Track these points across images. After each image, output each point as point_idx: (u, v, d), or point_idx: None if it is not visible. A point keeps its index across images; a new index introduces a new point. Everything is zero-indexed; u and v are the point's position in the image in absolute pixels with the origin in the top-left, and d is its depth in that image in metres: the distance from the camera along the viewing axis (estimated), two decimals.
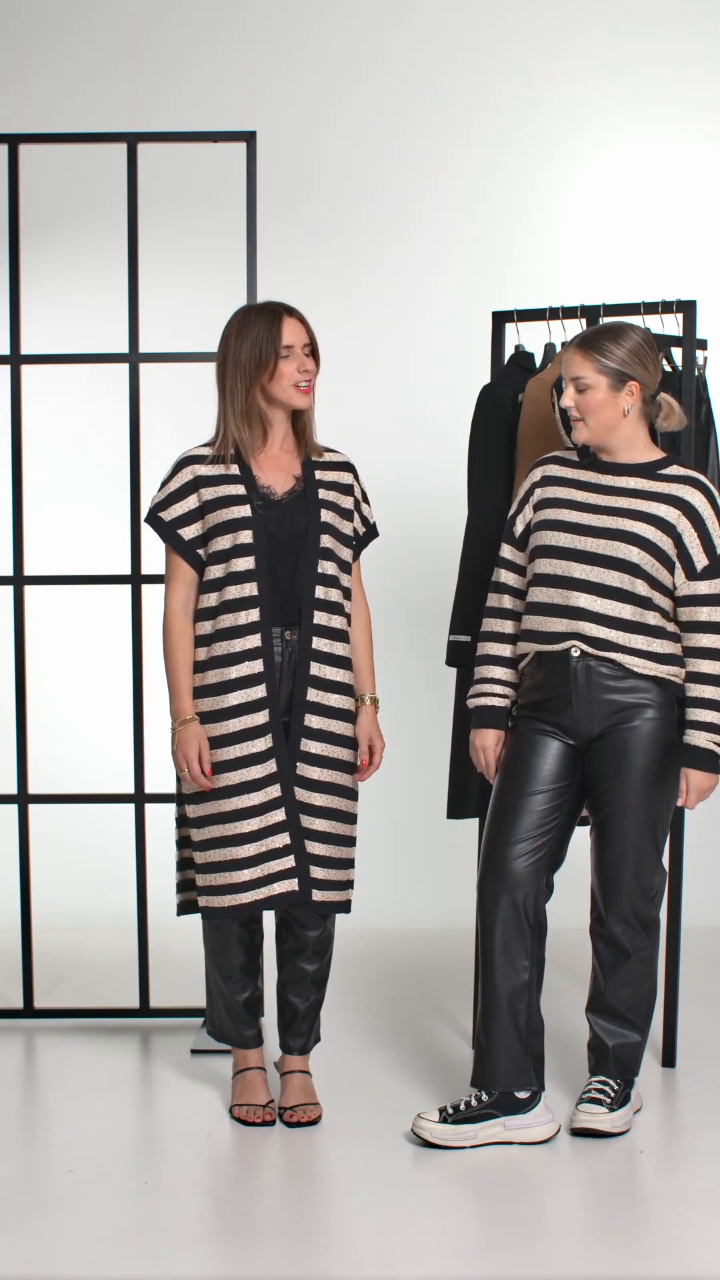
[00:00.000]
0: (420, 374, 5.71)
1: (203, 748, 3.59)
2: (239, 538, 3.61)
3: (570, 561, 3.61)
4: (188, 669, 3.64)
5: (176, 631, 3.65)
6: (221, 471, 3.65)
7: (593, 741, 3.64)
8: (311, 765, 3.65)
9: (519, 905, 3.63)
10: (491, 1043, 3.64)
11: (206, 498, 3.64)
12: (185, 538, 3.65)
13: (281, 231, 5.50)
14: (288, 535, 3.64)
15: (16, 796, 4.47)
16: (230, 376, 3.63)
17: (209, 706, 3.62)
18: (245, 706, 3.60)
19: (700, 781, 3.60)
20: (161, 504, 3.67)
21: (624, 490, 3.63)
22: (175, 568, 3.68)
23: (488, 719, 3.77)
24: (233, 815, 3.60)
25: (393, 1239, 3.20)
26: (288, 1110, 3.77)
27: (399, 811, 5.65)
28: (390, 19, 5.72)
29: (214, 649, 3.62)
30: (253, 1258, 3.13)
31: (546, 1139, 3.64)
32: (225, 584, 3.61)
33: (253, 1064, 3.82)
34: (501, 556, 3.80)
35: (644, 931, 3.69)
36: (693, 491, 3.61)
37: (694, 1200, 3.40)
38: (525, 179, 5.73)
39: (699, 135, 5.73)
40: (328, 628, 3.67)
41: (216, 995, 3.80)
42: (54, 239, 5.56)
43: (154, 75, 5.69)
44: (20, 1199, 3.39)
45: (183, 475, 3.66)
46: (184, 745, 3.60)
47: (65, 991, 4.77)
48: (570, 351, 3.62)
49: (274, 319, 3.62)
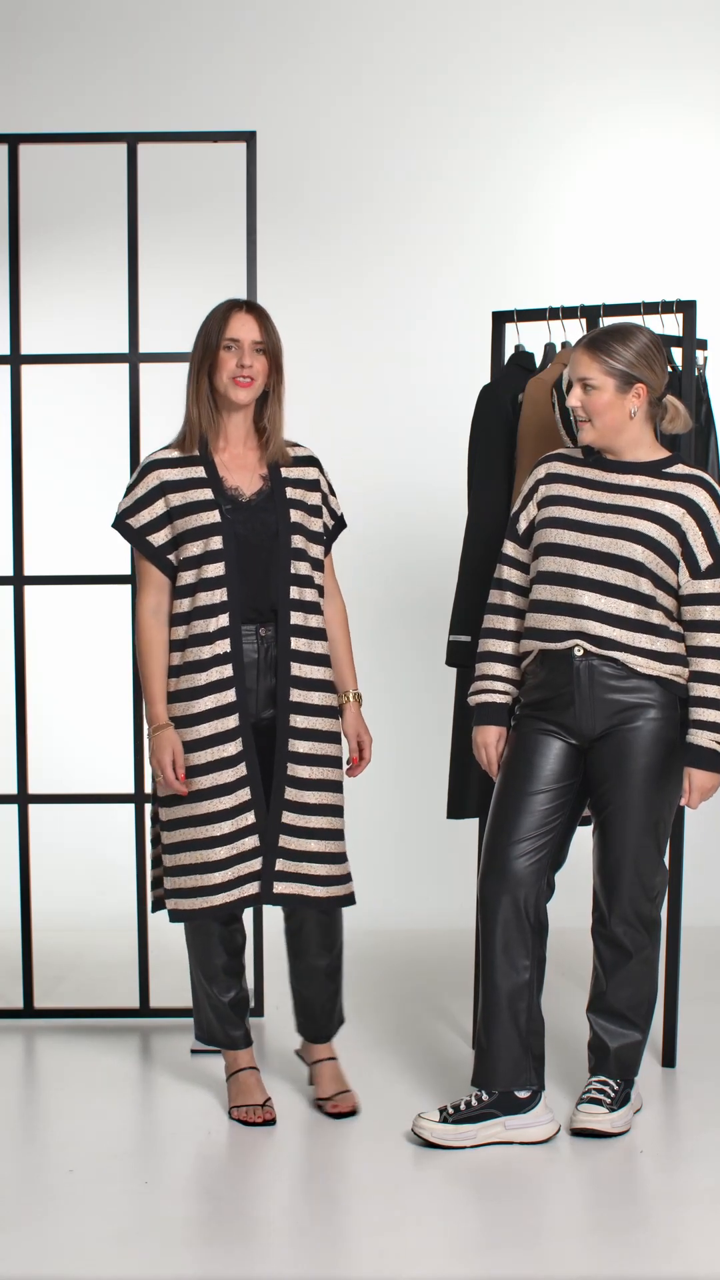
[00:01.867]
0: (420, 374, 5.71)
1: (176, 753, 3.61)
2: (210, 544, 3.62)
3: (575, 559, 3.61)
4: (162, 675, 3.66)
5: (149, 638, 3.67)
6: (188, 475, 3.65)
7: (595, 741, 3.64)
8: (301, 765, 3.66)
9: (520, 904, 3.63)
10: (492, 1042, 3.64)
11: (174, 503, 3.64)
12: (155, 544, 3.66)
13: (281, 231, 5.50)
14: (259, 537, 3.65)
15: (16, 796, 4.47)
16: (192, 370, 3.67)
17: (181, 711, 3.64)
18: (216, 711, 3.62)
19: (703, 781, 3.60)
20: (129, 510, 3.68)
21: (629, 488, 3.63)
22: (145, 573, 3.69)
23: (489, 715, 3.77)
24: (205, 819, 3.62)
25: (393, 1239, 3.20)
26: (327, 1101, 3.79)
27: (399, 811, 5.65)
28: (390, 19, 5.72)
29: (187, 654, 3.63)
30: (253, 1258, 3.13)
31: (547, 1139, 3.64)
32: (197, 589, 3.62)
33: (244, 1064, 3.83)
34: (504, 553, 3.79)
35: (645, 931, 3.69)
36: (698, 490, 3.61)
37: (694, 1200, 3.40)
38: (525, 179, 5.73)
39: (699, 135, 5.73)
40: (305, 627, 3.69)
41: (203, 998, 3.81)
42: (54, 239, 5.56)
43: (154, 75, 5.69)
44: (20, 1199, 3.39)
45: (149, 480, 3.67)
46: (158, 751, 3.63)
47: (65, 991, 4.77)
48: (578, 352, 3.61)
49: (226, 311, 3.65)
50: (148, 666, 3.66)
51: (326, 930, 3.78)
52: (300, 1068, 4.05)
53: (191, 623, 3.63)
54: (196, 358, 3.66)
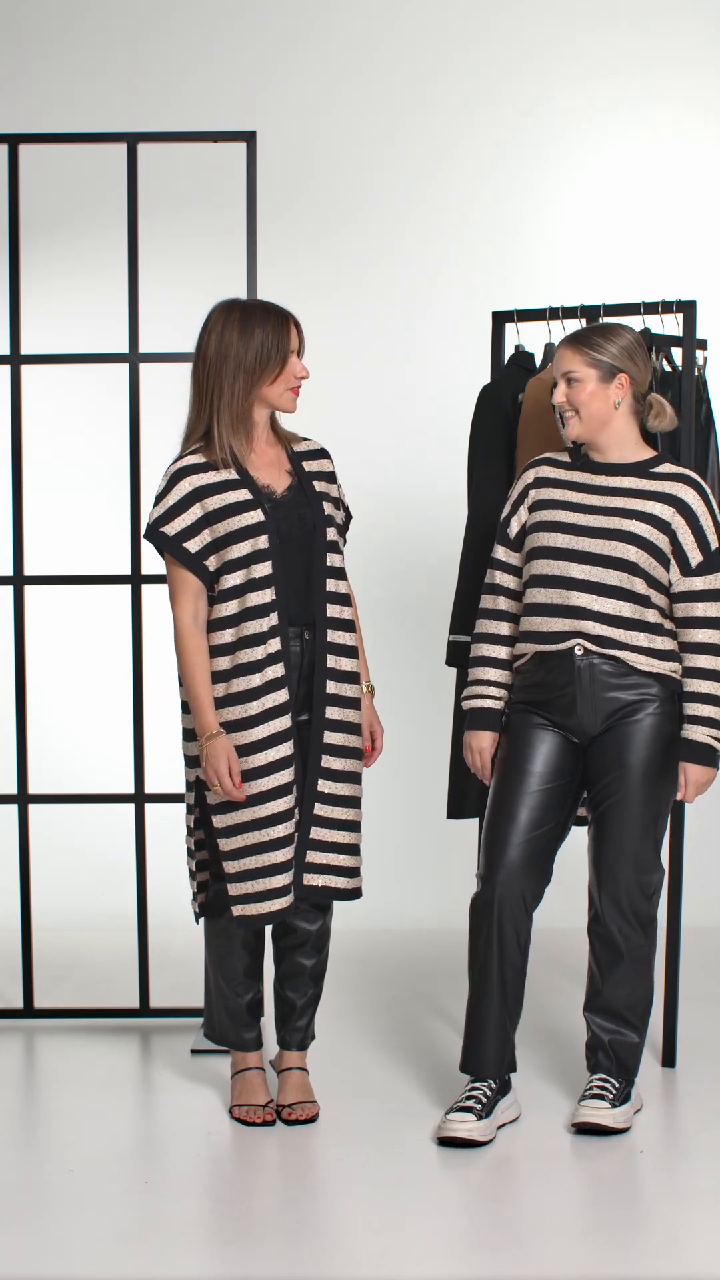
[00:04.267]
0: (420, 374, 5.71)
1: (232, 760, 3.54)
2: (257, 543, 3.57)
3: (568, 562, 3.62)
4: (208, 682, 3.58)
5: (192, 646, 3.58)
6: (222, 478, 3.60)
7: (595, 737, 3.65)
8: (334, 757, 3.65)
9: (518, 897, 3.63)
10: (487, 1029, 3.67)
11: (211, 507, 3.58)
12: (191, 550, 3.58)
13: (281, 231, 5.50)
14: (297, 533, 3.62)
15: (16, 796, 4.47)
16: (230, 376, 3.57)
17: (237, 715, 3.57)
18: (272, 711, 3.57)
19: (698, 775, 3.62)
20: (162, 518, 3.59)
21: (618, 490, 3.65)
22: (181, 581, 3.60)
23: (483, 721, 3.78)
24: (268, 821, 3.57)
25: (393, 1239, 3.20)
26: (286, 1108, 3.77)
27: (399, 811, 5.65)
28: (390, 19, 5.72)
29: (238, 656, 3.57)
30: (253, 1258, 3.13)
31: (516, 1118, 3.74)
32: (246, 590, 3.56)
33: (252, 1065, 3.82)
34: (495, 558, 3.80)
35: (641, 929, 3.69)
36: (686, 489, 3.64)
37: (694, 1200, 3.40)
38: (525, 179, 5.73)
39: (699, 135, 5.73)
40: (339, 619, 3.67)
41: (218, 999, 3.80)
42: (54, 239, 5.56)
43: (154, 75, 5.69)
44: (20, 1199, 3.39)
45: (181, 487, 3.59)
46: (214, 760, 3.54)
47: (65, 991, 4.77)
48: (561, 349, 3.66)
49: (282, 322, 3.60)
50: (194, 675, 3.57)
51: (320, 931, 3.78)
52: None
53: (242, 624, 3.56)
54: (251, 369, 3.56)
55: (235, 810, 3.58)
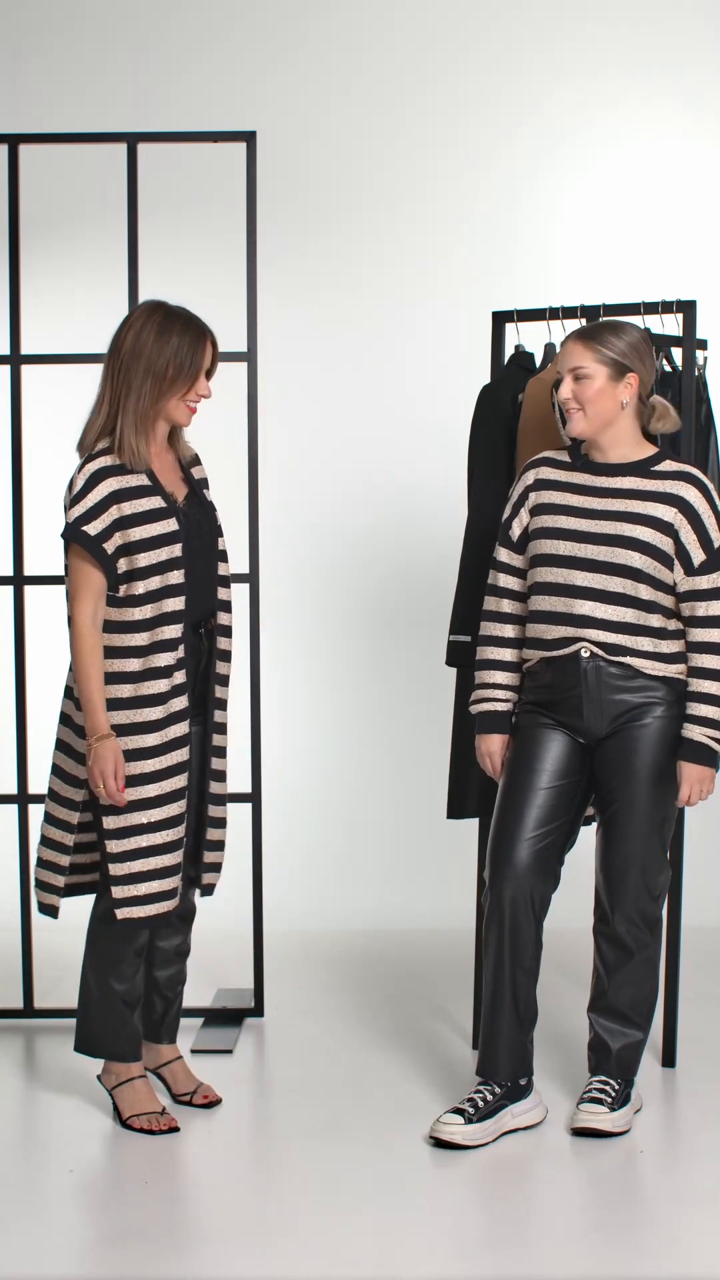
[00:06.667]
0: (420, 374, 5.71)
1: (119, 763, 3.54)
2: (173, 551, 3.60)
3: (572, 569, 3.62)
4: (102, 683, 3.56)
5: (90, 646, 3.56)
6: (135, 483, 3.59)
7: (602, 740, 3.65)
8: (219, 758, 3.81)
9: (526, 896, 3.63)
10: (499, 1033, 3.67)
11: (127, 512, 3.56)
12: (108, 551, 3.57)
13: (281, 231, 5.50)
14: (197, 543, 3.67)
15: (16, 796, 4.47)
16: (139, 376, 3.57)
17: (140, 718, 3.58)
18: (174, 716, 3.62)
19: (695, 775, 3.63)
20: (83, 518, 3.55)
21: (620, 491, 3.64)
22: (88, 580, 3.56)
23: (492, 724, 3.78)
24: (163, 824, 3.61)
25: (393, 1239, 3.20)
26: (186, 1096, 3.86)
27: (399, 811, 5.65)
28: (390, 19, 5.72)
29: (150, 660, 3.57)
30: (253, 1258, 3.13)
31: (540, 1122, 3.72)
32: (162, 596, 3.58)
33: (136, 1074, 3.79)
34: (497, 560, 3.80)
35: (648, 930, 3.69)
36: (688, 488, 3.62)
37: (694, 1200, 3.40)
38: (525, 179, 5.73)
39: (699, 135, 5.73)
40: (225, 626, 3.77)
41: (101, 1008, 3.72)
42: (54, 239, 5.56)
43: (154, 75, 5.69)
44: (20, 1199, 3.39)
45: (100, 489, 3.56)
46: (101, 761, 3.52)
47: (65, 991, 4.76)
48: (569, 343, 3.63)
49: (199, 337, 3.59)
50: (90, 675, 3.54)
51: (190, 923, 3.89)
52: (301, 1067, 4.05)
53: (157, 629, 3.58)
54: (161, 376, 3.55)
55: (134, 811, 3.59)
